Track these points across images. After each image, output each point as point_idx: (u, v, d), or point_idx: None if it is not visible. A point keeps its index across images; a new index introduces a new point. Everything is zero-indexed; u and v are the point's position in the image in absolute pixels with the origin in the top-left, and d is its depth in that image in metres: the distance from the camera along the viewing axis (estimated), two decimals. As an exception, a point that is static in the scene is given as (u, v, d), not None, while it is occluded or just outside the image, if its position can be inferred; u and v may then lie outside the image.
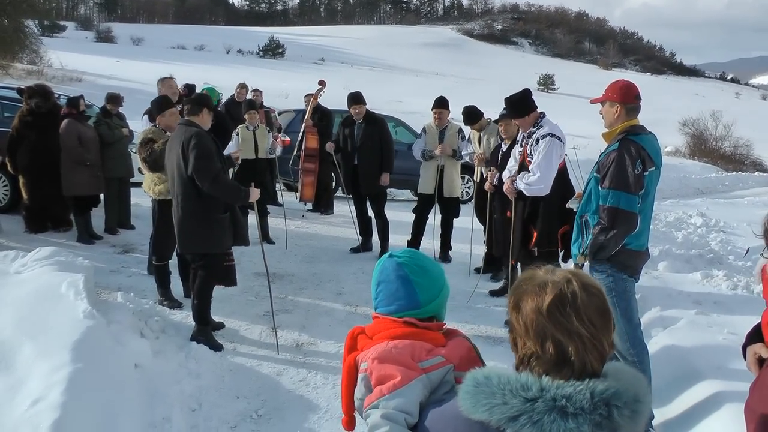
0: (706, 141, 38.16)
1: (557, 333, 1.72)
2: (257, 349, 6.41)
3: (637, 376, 1.80)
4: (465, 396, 1.77)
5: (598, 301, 1.76)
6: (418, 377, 2.24)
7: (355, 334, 2.51)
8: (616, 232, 4.66)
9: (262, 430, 5.01)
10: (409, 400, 2.19)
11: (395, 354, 2.28)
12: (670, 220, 11.64)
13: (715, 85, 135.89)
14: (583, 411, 1.65)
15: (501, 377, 1.74)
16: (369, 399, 2.26)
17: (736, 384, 4.73)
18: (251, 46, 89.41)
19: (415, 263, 2.49)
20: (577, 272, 1.83)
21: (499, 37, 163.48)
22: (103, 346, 5.00)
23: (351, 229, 10.08)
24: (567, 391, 1.67)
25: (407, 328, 2.38)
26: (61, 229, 10.15)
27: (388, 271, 2.50)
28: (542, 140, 6.55)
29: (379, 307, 2.50)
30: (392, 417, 2.17)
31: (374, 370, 2.28)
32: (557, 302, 1.73)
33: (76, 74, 33.00)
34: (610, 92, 4.84)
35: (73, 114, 9.71)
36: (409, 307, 2.43)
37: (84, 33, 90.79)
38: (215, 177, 6.09)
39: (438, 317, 2.51)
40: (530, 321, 1.76)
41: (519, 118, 6.77)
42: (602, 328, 1.74)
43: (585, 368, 1.72)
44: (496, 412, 1.69)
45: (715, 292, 7.48)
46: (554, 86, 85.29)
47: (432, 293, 2.47)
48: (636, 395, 1.71)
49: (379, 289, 2.51)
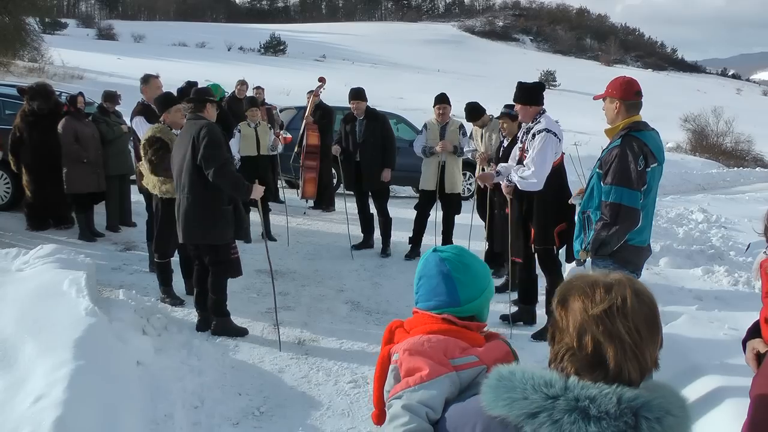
0: (708, 137, 38.07)
1: (598, 333, 1.65)
2: (259, 346, 6.42)
3: (676, 393, 1.71)
4: (487, 390, 1.73)
5: (648, 311, 1.69)
6: (448, 374, 2.17)
7: (393, 328, 2.46)
8: (619, 228, 4.67)
9: (264, 427, 5.01)
10: (435, 394, 2.13)
11: (427, 348, 2.23)
12: (671, 215, 11.62)
13: (716, 81, 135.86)
14: (607, 416, 1.58)
15: (525, 373, 1.70)
16: (395, 389, 2.22)
17: (737, 379, 4.73)
18: (252, 43, 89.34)
19: (460, 260, 2.41)
20: (631, 278, 1.76)
21: (501, 34, 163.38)
22: (105, 343, 5.01)
23: (353, 226, 10.08)
24: (592, 393, 1.60)
25: (445, 325, 2.32)
26: (63, 226, 10.16)
27: (430, 265, 2.43)
28: (538, 135, 6.57)
29: (420, 301, 2.44)
30: (414, 409, 2.11)
31: (404, 361, 2.23)
32: (604, 303, 1.67)
33: (77, 72, 32.94)
34: (611, 89, 4.85)
35: (71, 111, 9.72)
36: (449, 304, 2.36)
37: (85, 30, 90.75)
38: (221, 165, 6.16)
39: (479, 317, 2.43)
40: (574, 318, 1.70)
41: (525, 105, 6.74)
42: (647, 339, 1.67)
43: (621, 375, 1.64)
44: (516, 408, 1.64)
45: (716, 288, 7.48)
46: (555, 83, 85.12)
47: (474, 292, 2.39)
48: (666, 408, 1.62)
49: (420, 284, 2.45)
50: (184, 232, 6.53)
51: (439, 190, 9.44)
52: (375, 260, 9.50)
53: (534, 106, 6.74)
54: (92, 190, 9.74)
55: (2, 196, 10.78)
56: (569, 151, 11.94)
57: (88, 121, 9.95)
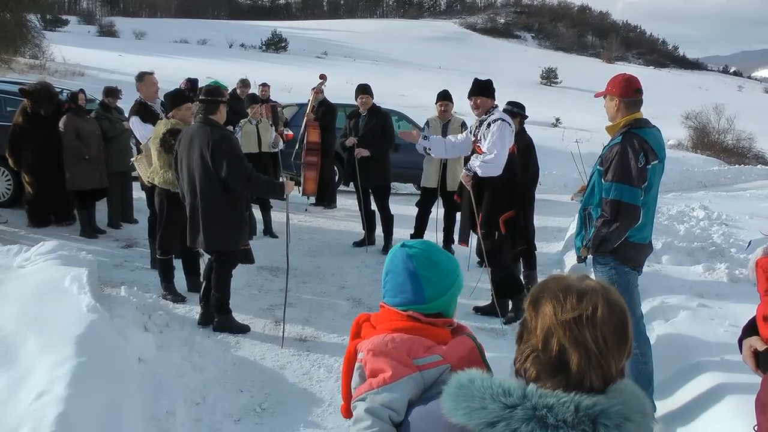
0: (709, 134, 38.08)
1: (564, 338, 1.64)
2: (261, 343, 6.42)
3: (637, 396, 1.70)
4: (447, 398, 1.72)
5: (618, 322, 1.68)
6: (411, 375, 2.17)
7: (360, 321, 2.46)
8: (619, 224, 4.67)
9: (265, 424, 5.02)
10: (397, 397, 2.13)
11: (391, 348, 2.22)
12: (672, 213, 11.61)
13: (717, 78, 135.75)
14: (565, 424, 1.58)
15: (484, 381, 1.69)
16: (358, 391, 2.22)
17: (737, 376, 4.73)
18: (254, 40, 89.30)
19: (427, 257, 2.39)
20: (606, 286, 1.75)
21: (502, 31, 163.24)
22: (106, 340, 5.02)
23: (354, 222, 10.09)
24: (549, 401, 1.60)
25: (410, 323, 2.30)
26: (64, 223, 10.17)
27: (397, 261, 2.41)
28: (494, 123, 6.94)
29: (386, 296, 2.43)
30: (376, 412, 2.12)
31: (368, 361, 2.23)
32: (574, 310, 1.66)
33: (78, 68, 32.90)
34: (611, 86, 4.86)
35: (73, 108, 9.73)
36: (415, 301, 2.34)
37: (86, 27, 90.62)
38: (249, 176, 6.24)
39: (445, 313, 2.40)
40: (543, 320, 1.69)
41: (483, 97, 7.16)
42: (614, 349, 1.66)
43: (582, 383, 1.64)
44: (475, 417, 1.63)
45: (717, 285, 7.47)
46: (557, 80, 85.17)
47: (440, 289, 2.37)
48: (626, 415, 1.62)
49: (387, 279, 2.44)
50: (206, 241, 6.52)
51: (440, 188, 9.45)
52: (376, 257, 9.50)
53: (490, 98, 7.20)
54: (94, 186, 9.73)
55: (4, 192, 10.78)
56: (571, 148, 11.94)
57: (90, 118, 9.95)
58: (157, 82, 8.76)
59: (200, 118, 6.49)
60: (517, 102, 8.40)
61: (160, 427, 4.74)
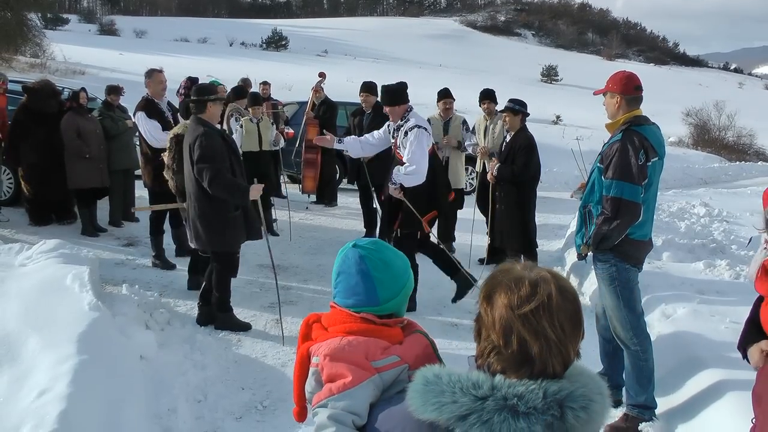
0: (710, 131, 38.02)
1: (524, 331, 1.66)
2: (262, 341, 6.43)
3: (595, 378, 1.74)
4: (414, 395, 1.72)
5: (572, 307, 1.71)
6: (371, 377, 2.17)
7: (310, 322, 2.41)
8: (620, 222, 4.67)
9: (267, 421, 5.02)
10: (359, 401, 2.13)
11: (348, 352, 2.20)
12: (673, 210, 11.61)
13: (718, 75, 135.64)
14: (535, 410, 1.61)
15: (452, 375, 1.70)
16: (318, 397, 2.21)
17: (738, 372, 4.74)
18: (254, 39, 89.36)
19: (379, 257, 2.35)
20: (555, 273, 1.77)
21: (503, 29, 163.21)
22: (108, 338, 5.02)
23: (355, 220, 10.09)
24: (519, 390, 1.63)
25: (364, 325, 2.28)
26: (66, 221, 10.18)
27: (349, 262, 2.35)
28: (410, 132, 6.87)
29: (338, 297, 2.38)
30: (340, 418, 2.11)
31: (325, 367, 2.21)
32: (530, 301, 1.67)
33: (79, 67, 32.95)
34: (611, 83, 4.85)
35: (74, 107, 9.73)
36: (368, 303, 2.31)
37: (87, 26, 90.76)
38: (213, 176, 6.12)
39: (398, 313, 2.39)
40: (499, 315, 1.70)
41: (392, 106, 7.01)
42: (571, 335, 1.70)
43: (546, 370, 1.67)
44: (446, 411, 1.65)
45: (717, 282, 7.48)
46: (557, 77, 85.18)
47: (393, 290, 2.34)
48: (589, 397, 1.67)
49: (339, 280, 2.38)
50: (196, 240, 6.57)
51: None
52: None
53: (401, 105, 7.01)
54: (95, 185, 9.72)
55: (5, 191, 10.79)
56: (571, 146, 11.94)
57: (91, 117, 9.93)
58: (165, 80, 8.72)
59: (192, 117, 6.49)
60: (519, 100, 8.39)
61: (162, 424, 4.75)
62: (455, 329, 6.86)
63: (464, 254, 9.04)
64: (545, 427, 1.62)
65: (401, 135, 6.95)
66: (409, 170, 6.83)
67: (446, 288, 7.46)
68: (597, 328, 5.34)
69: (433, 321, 6.97)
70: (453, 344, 6.31)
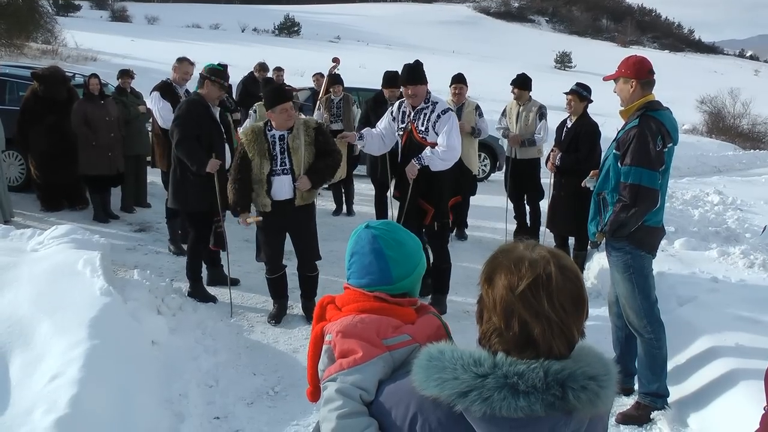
0: (724, 119, 37.75)
1: (525, 313, 1.65)
2: (274, 326, 6.47)
3: (601, 358, 1.73)
4: (418, 370, 1.74)
5: (574, 287, 1.70)
6: (381, 355, 2.17)
7: (324, 304, 2.43)
8: (638, 209, 4.62)
9: (278, 407, 5.04)
10: (368, 377, 2.13)
11: (360, 329, 2.22)
12: (687, 197, 11.54)
13: (733, 62, 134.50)
14: (535, 389, 1.61)
15: (454, 352, 1.70)
16: (328, 371, 2.22)
17: (751, 361, 4.72)
18: (267, 24, 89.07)
19: (392, 237, 2.38)
20: (556, 253, 1.75)
21: (516, 15, 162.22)
22: (120, 323, 5.03)
23: (367, 206, 10.06)
24: (520, 369, 1.62)
25: (377, 303, 2.30)
26: (77, 207, 10.20)
27: (362, 242, 2.38)
28: (444, 115, 6.59)
29: (351, 278, 2.40)
30: (347, 392, 2.12)
31: (338, 343, 2.23)
32: (531, 282, 1.66)
33: (90, 54, 32.92)
34: (624, 68, 4.79)
35: (86, 93, 9.73)
36: (381, 282, 2.34)
37: (99, 12, 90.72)
38: (178, 140, 6.70)
39: (411, 293, 2.41)
40: (500, 297, 1.69)
41: (419, 84, 6.61)
42: (573, 315, 1.68)
43: (551, 351, 1.66)
44: (447, 387, 1.66)
45: (731, 270, 7.44)
46: (571, 64, 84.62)
47: (406, 269, 2.37)
48: (593, 377, 1.66)
49: (353, 260, 2.40)
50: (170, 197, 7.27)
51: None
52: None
53: (425, 84, 6.68)
54: (102, 172, 9.68)
55: (17, 177, 10.82)
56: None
57: (102, 104, 9.80)
58: (190, 71, 8.68)
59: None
60: (586, 85, 8.33)
61: (173, 409, 4.77)
62: (467, 315, 6.85)
63: (479, 242, 9.01)
64: (546, 407, 1.62)
65: (427, 118, 6.63)
66: (446, 155, 6.56)
67: (457, 274, 7.46)
68: (609, 315, 5.33)
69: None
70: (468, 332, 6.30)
